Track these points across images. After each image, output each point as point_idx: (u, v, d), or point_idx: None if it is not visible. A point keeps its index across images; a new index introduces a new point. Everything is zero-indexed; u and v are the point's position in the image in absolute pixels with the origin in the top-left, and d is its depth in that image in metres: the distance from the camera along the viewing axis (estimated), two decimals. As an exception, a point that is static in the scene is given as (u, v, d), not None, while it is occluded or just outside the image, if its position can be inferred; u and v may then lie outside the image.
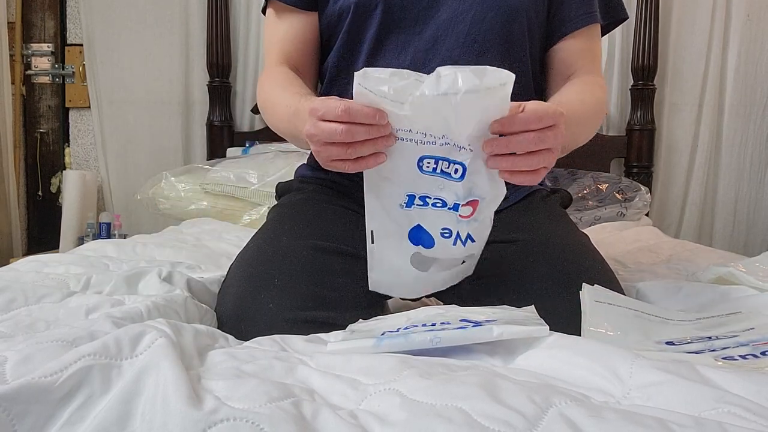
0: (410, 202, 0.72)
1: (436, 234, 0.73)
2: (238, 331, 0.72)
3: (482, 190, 0.71)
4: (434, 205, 0.72)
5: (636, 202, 1.87)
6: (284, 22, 0.99)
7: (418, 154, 0.70)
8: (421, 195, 0.72)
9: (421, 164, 0.70)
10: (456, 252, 0.75)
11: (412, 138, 0.69)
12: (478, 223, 0.73)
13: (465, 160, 0.69)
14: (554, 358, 0.52)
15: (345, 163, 0.69)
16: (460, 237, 0.73)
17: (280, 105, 0.90)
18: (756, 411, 0.42)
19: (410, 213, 0.73)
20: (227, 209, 1.81)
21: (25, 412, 0.41)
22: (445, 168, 0.70)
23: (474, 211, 0.72)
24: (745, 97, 2.13)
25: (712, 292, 0.84)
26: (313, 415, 0.42)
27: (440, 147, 0.69)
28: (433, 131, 0.68)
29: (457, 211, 0.72)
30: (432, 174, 0.71)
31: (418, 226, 0.73)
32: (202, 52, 2.24)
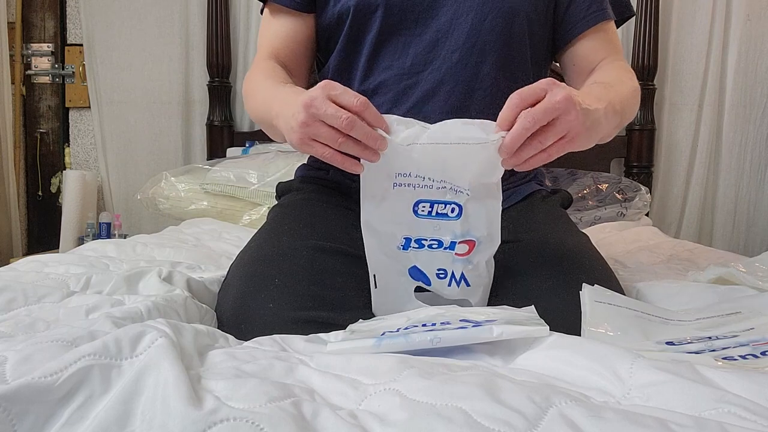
0: (407, 245, 0.75)
1: (432, 274, 0.76)
2: (238, 331, 0.72)
3: (479, 232, 0.73)
4: (430, 247, 0.74)
5: (636, 202, 1.87)
6: (277, 22, 0.99)
7: (414, 199, 0.72)
8: (417, 238, 0.74)
9: (417, 209, 0.73)
10: (451, 293, 0.76)
11: (409, 183, 0.71)
12: (473, 266, 0.75)
13: (461, 201, 0.72)
14: (554, 358, 0.52)
15: (325, 148, 0.68)
16: (455, 278, 0.75)
17: (259, 90, 0.91)
18: (756, 411, 0.42)
19: (407, 254, 0.75)
20: (227, 209, 1.81)
21: (24, 412, 0.41)
22: (441, 210, 0.72)
23: (470, 250, 0.74)
24: (745, 97, 2.13)
25: (712, 292, 0.84)
26: (313, 415, 0.42)
27: (436, 190, 0.71)
28: (432, 175, 0.70)
29: (453, 250, 0.74)
30: (427, 217, 0.73)
31: (415, 266, 0.76)
32: (202, 52, 2.24)
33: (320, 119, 0.67)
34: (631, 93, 0.91)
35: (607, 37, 0.99)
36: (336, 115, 0.65)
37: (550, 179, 1.93)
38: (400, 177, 0.71)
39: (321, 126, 0.67)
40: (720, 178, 2.17)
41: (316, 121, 0.67)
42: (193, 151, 2.32)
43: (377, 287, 0.77)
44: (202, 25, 2.23)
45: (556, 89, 0.67)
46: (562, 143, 0.69)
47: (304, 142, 0.69)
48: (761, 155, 2.15)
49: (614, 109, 0.79)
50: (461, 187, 0.71)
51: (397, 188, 0.72)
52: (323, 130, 0.67)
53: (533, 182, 1.01)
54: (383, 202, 0.73)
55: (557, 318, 0.66)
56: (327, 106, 0.66)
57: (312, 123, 0.67)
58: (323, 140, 0.67)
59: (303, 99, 0.68)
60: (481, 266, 0.76)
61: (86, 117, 2.39)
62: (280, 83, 0.88)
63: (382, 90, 0.92)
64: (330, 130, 0.66)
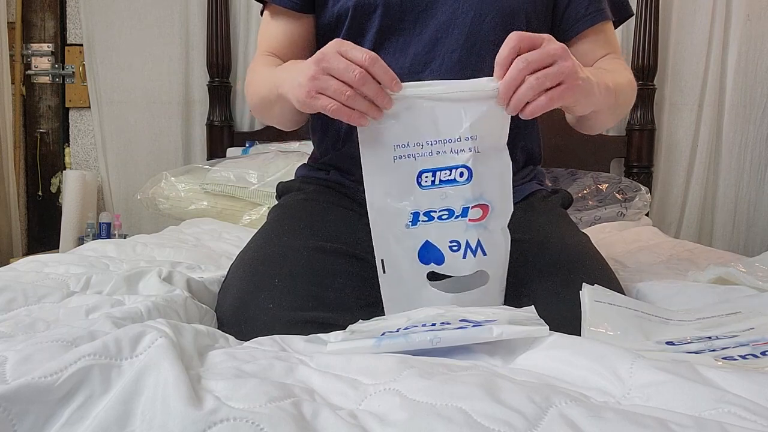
0: (415, 220, 0.72)
1: (445, 248, 0.72)
2: (238, 331, 0.72)
3: (492, 195, 0.71)
4: (440, 218, 0.72)
5: (636, 202, 1.87)
6: (277, 23, 0.99)
7: (416, 171, 0.71)
8: (426, 211, 0.72)
9: (420, 180, 0.71)
10: (466, 266, 0.73)
11: (409, 153, 0.70)
12: (489, 233, 0.72)
13: (466, 161, 0.69)
14: (554, 358, 0.52)
15: (331, 101, 0.69)
16: (470, 247, 0.72)
17: (261, 75, 0.92)
18: (756, 411, 0.42)
19: (416, 231, 0.72)
20: (227, 209, 1.81)
21: (25, 412, 0.41)
22: (446, 176, 0.70)
23: (484, 215, 0.71)
24: (745, 97, 2.12)
25: (712, 292, 0.84)
26: (313, 415, 0.42)
27: (437, 156, 0.70)
28: (429, 138, 0.69)
29: (465, 217, 0.71)
30: (432, 187, 0.71)
31: (426, 242, 0.72)
32: (202, 52, 2.24)
33: (330, 73, 0.68)
34: (627, 82, 0.92)
35: (605, 38, 0.99)
36: (348, 69, 0.67)
37: (550, 179, 1.93)
38: (399, 149, 0.70)
39: (330, 79, 0.68)
40: (720, 178, 2.17)
41: (326, 75, 0.69)
42: (193, 151, 2.32)
43: (386, 272, 0.74)
44: (202, 25, 2.23)
45: (553, 41, 0.69)
46: (561, 89, 0.69)
47: (311, 95, 0.70)
48: (761, 155, 2.15)
49: (606, 86, 0.80)
50: (461, 139, 0.69)
51: (397, 161, 0.71)
52: (332, 83, 0.68)
53: (533, 182, 1.01)
54: (385, 178, 0.72)
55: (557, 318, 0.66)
56: (339, 60, 0.68)
57: (321, 76, 0.69)
58: (331, 94, 0.69)
59: (314, 56, 0.70)
60: (497, 233, 0.73)
61: (86, 117, 2.39)
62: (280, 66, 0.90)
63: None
64: (339, 83, 0.68)
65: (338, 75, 0.68)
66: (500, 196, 0.72)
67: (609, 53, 0.98)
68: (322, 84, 0.69)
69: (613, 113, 0.90)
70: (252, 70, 0.98)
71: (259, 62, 0.97)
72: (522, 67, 0.67)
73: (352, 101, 0.68)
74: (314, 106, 0.70)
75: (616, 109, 0.89)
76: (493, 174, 0.71)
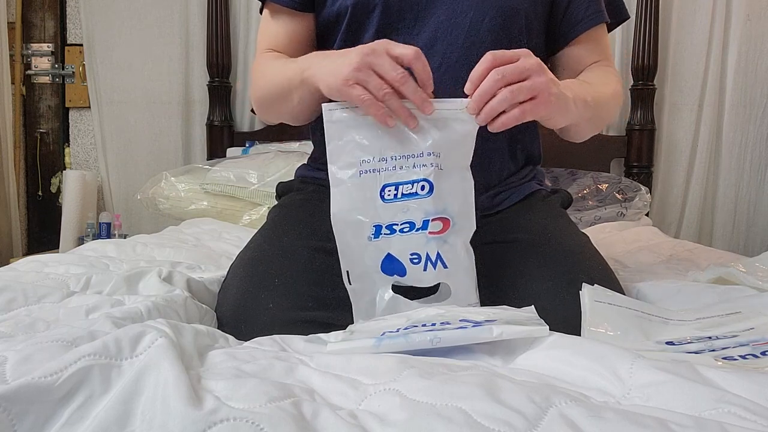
0: (377, 233, 0.73)
1: (406, 261, 0.74)
2: (238, 331, 0.72)
3: (452, 211, 0.73)
4: (402, 231, 0.73)
5: (636, 202, 1.87)
6: (277, 22, 0.99)
7: (380, 184, 0.72)
8: (388, 224, 0.73)
9: (383, 194, 0.72)
10: (427, 278, 0.74)
11: (374, 168, 0.72)
12: (449, 246, 0.73)
13: (428, 175, 0.71)
14: (554, 358, 0.52)
15: (366, 93, 0.70)
16: (430, 259, 0.73)
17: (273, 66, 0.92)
18: (756, 411, 0.42)
19: (379, 243, 0.74)
20: (227, 209, 1.81)
21: (25, 412, 0.41)
22: (408, 190, 0.72)
23: (444, 228, 0.73)
24: (745, 97, 2.12)
25: (712, 292, 0.84)
26: (313, 415, 0.42)
27: (401, 171, 0.72)
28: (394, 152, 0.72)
29: (426, 229, 0.72)
30: (394, 201, 0.72)
31: (388, 255, 0.74)
32: (202, 52, 2.24)
33: (374, 69, 0.70)
34: (611, 93, 0.93)
35: (599, 43, 1.00)
36: (393, 67, 0.70)
37: (550, 179, 1.93)
38: (365, 164, 0.73)
39: (372, 74, 0.70)
40: (720, 178, 2.17)
41: (369, 69, 0.70)
42: (193, 151, 2.32)
43: (351, 284, 0.75)
44: (202, 25, 2.23)
45: (530, 57, 0.71)
46: (533, 103, 0.71)
47: (348, 84, 0.71)
48: (761, 155, 2.15)
49: (584, 101, 0.81)
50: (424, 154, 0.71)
51: (363, 176, 0.73)
52: (373, 79, 0.70)
53: (533, 182, 1.01)
54: (350, 191, 0.73)
55: (557, 318, 0.66)
56: (385, 59, 0.70)
57: (364, 69, 0.70)
58: (370, 88, 0.70)
59: (360, 47, 0.72)
60: (458, 247, 0.74)
61: (86, 117, 2.39)
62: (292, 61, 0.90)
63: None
64: (379, 80, 0.70)
65: (382, 72, 0.70)
66: (461, 212, 0.73)
67: (600, 60, 0.99)
68: (363, 76, 0.70)
69: (592, 125, 0.92)
70: (259, 65, 0.97)
71: (267, 57, 0.97)
72: (497, 79, 0.69)
73: (388, 98, 0.70)
74: (348, 94, 0.71)
75: (595, 121, 0.91)
76: (455, 191, 0.73)
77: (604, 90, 0.90)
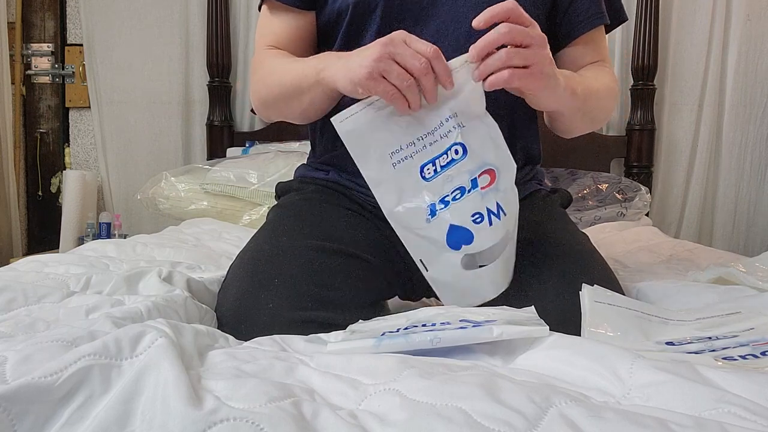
0: (434, 211, 0.74)
1: (470, 224, 0.74)
2: (238, 331, 0.72)
3: (492, 159, 0.73)
4: (455, 199, 0.73)
5: (636, 202, 1.87)
6: (276, 20, 0.98)
7: (417, 167, 0.73)
8: (440, 199, 0.74)
9: (424, 174, 0.73)
10: (494, 232, 0.74)
11: (405, 156, 0.73)
12: (503, 193, 0.74)
13: (457, 138, 0.72)
14: (554, 358, 0.52)
15: (390, 86, 0.71)
16: (491, 212, 0.73)
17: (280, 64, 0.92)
18: (756, 411, 0.42)
19: (438, 221, 0.74)
20: (227, 209, 1.81)
21: (25, 412, 0.41)
22: (445, 161, 0.73)
23: (493, 179, 0.73)
24: (745, 97, 2.12)
25: (712, 292, 0.84)
26: (313, 415, 0.42)
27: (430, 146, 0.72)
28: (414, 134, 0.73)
29: (477, 187, 0.73)
30: (436, 175, 0.73)
31: (451, 226, 0.74)
32: (202, 52, 2.24)
33: (395, 58, 0.70)
34: (603, 88, 0.93)
35: (598, 44, 1.00)
36: (415, 56, 0.70)
37: (550, 179, 1.93)
38: (395, 155, 0.73)
39: (393, 64, 0.70)
40: (720, 178, 2.17)
41: (390, 59, 0.70)
42: (193, 151, 2.32)
43: (428, 271, 0.77)
44: (202, 25, 2.23)
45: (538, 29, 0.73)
46: (525, 71, 0.71)
47: (373, 77, 0.71)
48: (761, 155, 2.15)
49: (573, 90, 0.82)
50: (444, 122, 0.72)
51: (397, 167, 0.74)
52: (395, 68, 0.70)
53: (533, 182, 1.01)
54: (391, 186, 0.74)
55: (557, 318, 0.66)
56: (404, 49, 0.70)
57: (386, 59, 0.70)
58: (393, 79, 0.70)
59: (380, 39, 0.72)
60: (509, 192, 0.75)
61: (86, 117, 2.39)
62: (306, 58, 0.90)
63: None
64: (402, 70, 0.70)
65: (403, 62, 0.70)
66: (499, 156, 0.74)
67: (598, 60, 0.99)
68: (386, 67, 0.70)
69: (583, 119, 0.92)
70: (262, 62, 0.96)
71: (270, 54, 0.96)
72: (503, 32, 0.70)
73: (410, 88, 0.70)
74: (374, 88, 0.72)
75: (586, 113, 0.91)
76: (484, 140, 0.73)
77: (595, 84, 0.90)
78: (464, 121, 0.72)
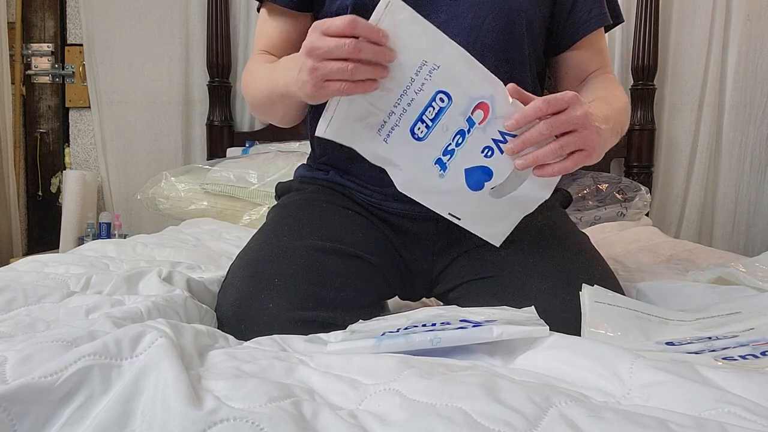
0: (443, 166, 0.74)
1: (483, 161, 0.73)
2: (238, 331, 0.72)
3: (478, 90, 0.71)
4: (458, 144, 0.73)
5: (636, 202, 1.87)
6: (274, 22, 0.99)
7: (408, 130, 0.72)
8: (444, 150, 0.73)
9: (416, 134, 0.73)
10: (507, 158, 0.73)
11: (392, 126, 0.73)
12: (501, 119, 0.72)
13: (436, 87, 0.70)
14: (554, 358, 0.52)
15: (341, 83, 0.69)
16: (498, 142, 0.72)
17: (259, 73, 0.92)
18: (756, 411, 0.42)
19: (451, 172, 0.74)
20: (227, 209, 1.81)
21: (25, 412, 0.41)
22: (432, 113, 0.72)
23: (487, 112, 0.72)
24: (745, 97, 2.12)
25: (712, 292, 0.84)
26: (313, 415, 0.42)
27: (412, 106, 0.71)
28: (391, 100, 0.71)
29: (474, 124, 0.72)
30: (430, 131, 0.72)
31: (466, 170, 0.74)
32: (202, 52, 2.24)
33: (326, 57, 0.68)
34: (625, 112, 0.93)
35: (600, 47, 1.00)
36: (339, 44, 0.67)
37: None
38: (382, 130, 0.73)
39: (328, 63, 0.68)
40: (720, 178, 2.17)
41: (323, 61, 0.68)
42: (193, 151, 2.32)
43: (461, 219, 0.77)
44: (202, 25, 2.23)
45: (578, 106, 0.70)
46: (581, 155, 0.71)
47: (319, 86, 0.70)
48: (761, 155, 2.15)
49: (615, 131, 0.82)
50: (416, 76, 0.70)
51: (389, 140, 0.73)
52: (332, 65, 0.68)
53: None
54: (394, 159, 0.74)
55: (557, 318, 0.66)
56: (325, 42, 0.68)
57: (320, 64, 0.69)
58: (336, 76, 0.68)
59: (303, 48, 0.70)
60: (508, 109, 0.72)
61: (86, 117, 2.39)
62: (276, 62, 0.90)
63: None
64: (338, 63, 0.68)
65: (333, 55, 0.68)
66: (481, 82, 0.71)
67: (601, 67, 0.99)
68: (323, 71, 0.69)
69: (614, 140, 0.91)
70: (248, 71, 0.97)
71: (255, 61, 0.97)
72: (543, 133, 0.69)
73: (357, 72, 0.68)
74: (325, 95, 0.71)
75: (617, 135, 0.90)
76: (462, 73, 0.71)
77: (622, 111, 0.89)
78: (434, 62, 0.70)
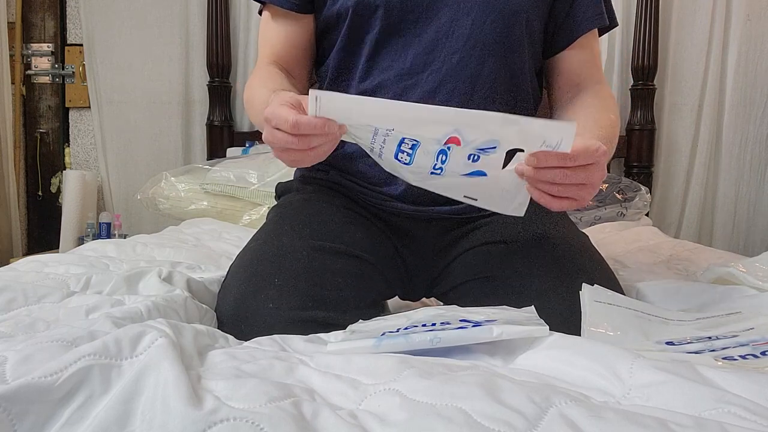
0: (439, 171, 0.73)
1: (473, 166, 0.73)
2: (238, 331, 0.72)
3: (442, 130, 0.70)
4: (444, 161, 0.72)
5: (636, 202, 1.87)
6: (276, 24, 0.99)
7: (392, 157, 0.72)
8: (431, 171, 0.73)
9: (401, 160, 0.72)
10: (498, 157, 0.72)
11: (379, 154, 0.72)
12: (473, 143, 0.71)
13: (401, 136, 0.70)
14: (554, 358, 0.52)
15: (297, 154, 0.71)
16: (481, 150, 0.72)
17: (257, 100, 0.91)
18: (756, 411, 0.42)
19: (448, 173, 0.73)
20: (227, 209, 1.81)
21: (25, 412, 0.41)
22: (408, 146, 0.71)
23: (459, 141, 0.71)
24: (745, 97, 2.12)
25: (712, 292, 0.84)
26: (313, 415, 0.42)
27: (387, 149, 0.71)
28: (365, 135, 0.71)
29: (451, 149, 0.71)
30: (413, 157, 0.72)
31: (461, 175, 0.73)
32: (202, 52, 2.24)
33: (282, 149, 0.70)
34: (617, 130, 0.92)
35: (595, 50, 1.00)
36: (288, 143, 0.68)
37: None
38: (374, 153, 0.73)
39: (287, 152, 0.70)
40: (720, 178, 2.17)
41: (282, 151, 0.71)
42: (193, 151, 2.32)
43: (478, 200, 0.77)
44: (202, 25, 2.23)
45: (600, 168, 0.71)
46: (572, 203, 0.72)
47: (290, 165, 0.74)
48: (761, 155, 2.15)
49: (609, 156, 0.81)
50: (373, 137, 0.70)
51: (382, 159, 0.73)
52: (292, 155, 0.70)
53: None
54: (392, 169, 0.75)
55: (557, 318, 0.66)
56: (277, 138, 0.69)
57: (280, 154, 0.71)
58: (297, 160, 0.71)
59: (263, 137, 0.73)
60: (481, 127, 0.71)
61: (86, 117, 2.39)
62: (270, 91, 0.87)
63: (381, 90, 0.92)
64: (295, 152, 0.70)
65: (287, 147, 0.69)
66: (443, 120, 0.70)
67: (593, 74, 0.98)
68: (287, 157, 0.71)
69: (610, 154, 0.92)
70: (249, 86, 0.97)
71: (257, 76, 0.96)
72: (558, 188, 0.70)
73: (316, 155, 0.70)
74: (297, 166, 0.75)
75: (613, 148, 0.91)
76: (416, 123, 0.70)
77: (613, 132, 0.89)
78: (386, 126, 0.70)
